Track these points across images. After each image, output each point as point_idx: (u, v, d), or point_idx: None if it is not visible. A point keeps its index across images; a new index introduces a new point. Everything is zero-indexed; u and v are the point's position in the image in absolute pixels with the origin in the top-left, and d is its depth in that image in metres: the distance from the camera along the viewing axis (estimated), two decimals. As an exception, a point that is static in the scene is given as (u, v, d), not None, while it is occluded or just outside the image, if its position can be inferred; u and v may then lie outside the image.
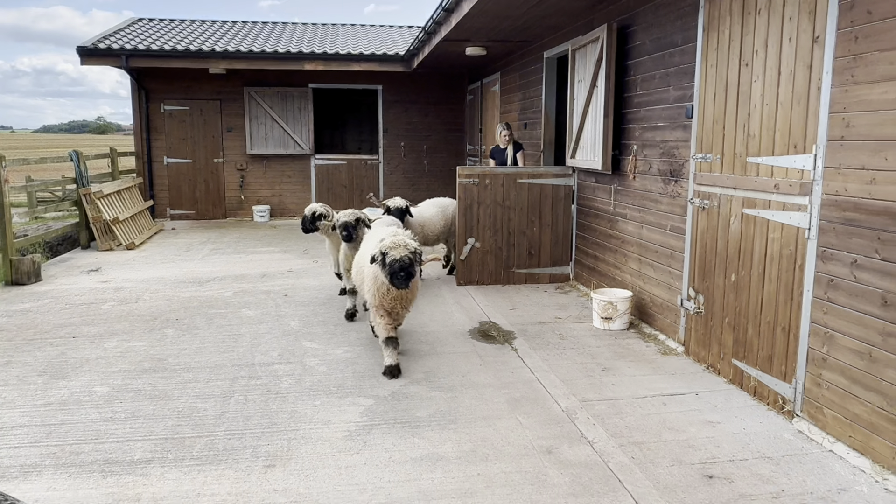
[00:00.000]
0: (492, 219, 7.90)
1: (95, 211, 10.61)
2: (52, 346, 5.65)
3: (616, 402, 4.49)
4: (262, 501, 3.26)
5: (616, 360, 5.35)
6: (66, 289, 7.83)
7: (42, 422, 4.17)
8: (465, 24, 8.48)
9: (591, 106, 7.11)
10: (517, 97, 10.81)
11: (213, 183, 14.46)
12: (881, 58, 3.46)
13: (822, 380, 3.94)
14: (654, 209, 6.09)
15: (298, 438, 3.94)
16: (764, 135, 4.45)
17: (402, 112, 15.03)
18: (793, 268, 4.18)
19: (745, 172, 4.67)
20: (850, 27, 3.66)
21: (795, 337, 4.16)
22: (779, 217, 4.30)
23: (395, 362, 5.00)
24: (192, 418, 4.22)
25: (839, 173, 3.77)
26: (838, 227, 3.79)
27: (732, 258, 4.83)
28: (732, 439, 3.96)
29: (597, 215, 7.42)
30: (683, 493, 3.37)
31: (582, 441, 3.92)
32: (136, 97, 13.94)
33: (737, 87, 4.74)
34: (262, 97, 14.23)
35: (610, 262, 7.08)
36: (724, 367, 4.94)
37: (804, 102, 4.05)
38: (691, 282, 5.41)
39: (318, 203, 7.19)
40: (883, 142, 3.46)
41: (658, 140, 5.99)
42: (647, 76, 6.18)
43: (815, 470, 3.59)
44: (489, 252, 7.97)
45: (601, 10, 7.16)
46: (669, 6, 5.73)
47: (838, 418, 3.80)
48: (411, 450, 3.80)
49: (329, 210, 7.16)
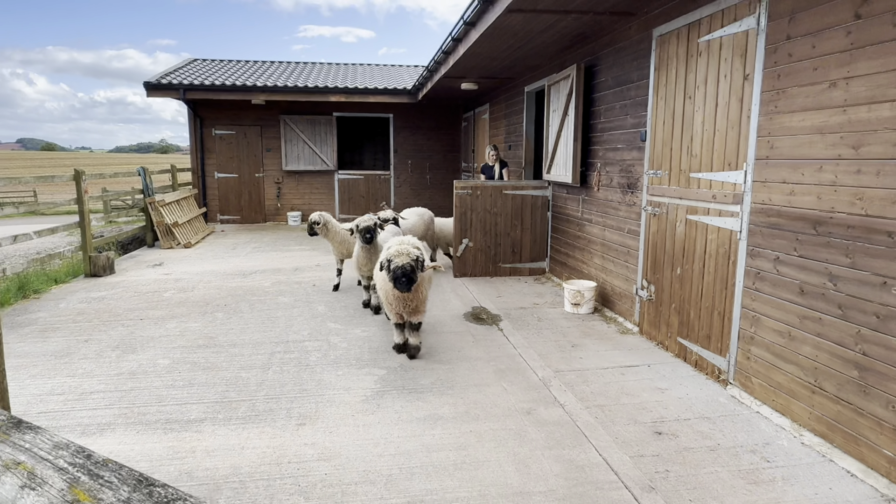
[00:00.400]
0: (482, 223, 7.87)
1: (159, 216, 10.57)
2: (123, 327, 5.64)
3: (583, 373, 4.48)
4: (295, 453, 3.26)
5: (583, 339, 5.34)
6: (134, 280, 7.81)
7: (115, 388, 4.16)
8: (461, 64, 8.45)
9: (563, 131, 7.09)
10: (503, 124, 10.77)
11: (255, 193, 14.40)
12: (799, 92, 3.45)
13: (750, 354, 3.93)
14: (615, 215, 6.07)
15: (324, 402, 3.94)
16: (704, 155, 4.43)
17: (410, 136, 14.97)
18: (727, 263, 4.17)
19: (688, 185, 4.66)
20: (774, 67, 3.65)
21: (729, 319, 4.15)
22: (716, 222, 4.29)
23: (401, 341, 4.86)
24: (238, 385, 4.21)
25: (765, 186, 3.76)
26: (764, 230, 3.78)
27: (678, 255, 4.82)
28: (678, 403, 3.95)
29: (568, 220, 7.40)
30: (637, 446, 3.36)
31: (555, 404, 3.91)
32: (193, 123, 13.87)
33: (682, 115, 4.72)
34: (294, 123, 14.17)
35: (578, 258, 7.06)
36: (671, 343, 4.93)
37: (737, 128, 4.04)
38: (645, 274, 5.40)
39: (316, 213, 6.91)
40: (800, 160, 3.45)
41: (618, 159, 5.97)
42: (609, 106, 6.16)
43: (745, 427, 3.59)
44: (480, 250, 7.94)
45: (571, 53, 7.13)
46: (627, 50, 5.71)
47: (764, 386, 3.80)
48: (416, 411, 3.80)
49: (322, 217, 6.89)
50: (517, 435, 3.47)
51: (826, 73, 3.25)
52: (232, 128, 14.08)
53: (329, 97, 13.14)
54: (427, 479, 3.00)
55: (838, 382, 3.20)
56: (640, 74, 5.45)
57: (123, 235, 11.09)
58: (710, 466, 3.13)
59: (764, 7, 3.72)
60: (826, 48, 3.25)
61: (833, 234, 3.21)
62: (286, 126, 14.14)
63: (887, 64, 2.89)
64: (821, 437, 3.32)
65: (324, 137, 14.35)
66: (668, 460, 3.20)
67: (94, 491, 0.53)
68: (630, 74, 5.65)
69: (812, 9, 3.35)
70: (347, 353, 4.92)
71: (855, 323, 3.09)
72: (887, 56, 2.89)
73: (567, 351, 4.97)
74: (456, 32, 7.21)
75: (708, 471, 3.09)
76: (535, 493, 2.88)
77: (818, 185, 3.31)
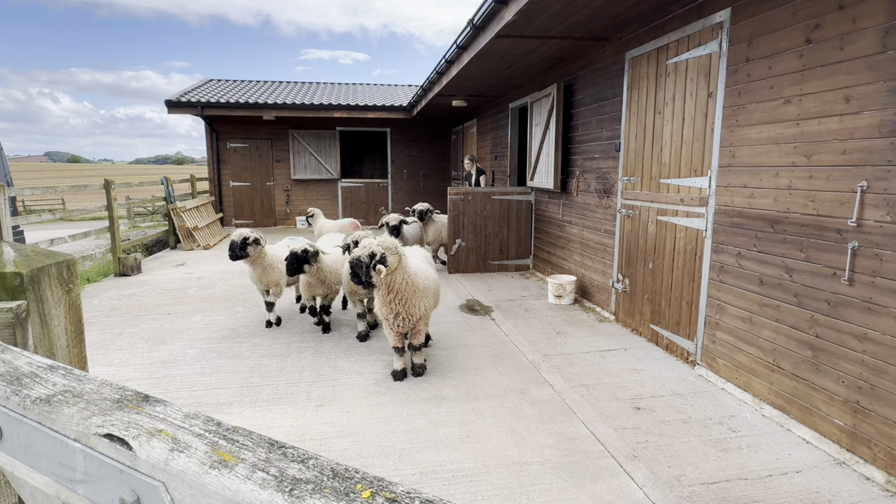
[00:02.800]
0: (473, 225, 7.89)
1: (180, 221, 10.47)
2: (152, 320, 5.59)
3: (568, 356, 4.52)
4: (316, 431, 3.26)
5: (566, 326, 5.38)
6: (160, 278, 7.74)
7: (149, 376, 4.13)
8: (453, 84, 8.47)
9: (545, 143, 7.13)
10: (490, 136, 10.80)
11: (266, 200, 14.30)
12: (757, 108, 3.51)
13: (716, 338, 3.99)
14: (592, 217, 6.12)
15: (339, 385, 3.94)
16: (672, 163, 4.49)
17: (405, 148, 14.95)
18: (694, 258, 4.23)
19: (658, 190, 4.71)
20: (735, 85, 3.71)
21: (696, 308, 4.21)
22: (683, 222, 4.35)
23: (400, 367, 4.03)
24: (261, 372, 4.20)
25: (727, 190, 3.82)
26: (727, 229, 3.84)
27: (650, 252, 4.88)
28: (653, 382, 4.00)
29: (550, 222, 7.45)
30: (620, 420, 3.40)
31: (545, 384, 3.95)
32: (209, 137, 13.74)
33: (653, 129, 4.78)
34: (301, 137, 14.09)
35: (560, 255, 7.11)
36: (645, 330, 4.99)
37: (702, 139, 4.09)
38: (620, 269, 5.45)
39: (248, 228, 4.99)
40: (759, 167, 3.51)
41: (595, 167, 6.02)
42: (587, 121, 6.21)
43: (713, 402, 3.64)
44: (472, 249, 7.96)
45: (552, 73, 7.18)
46: (602, 70, 5.76)
47: (728, 366, 3.86)
48: (422, 392, 3.81)
49: (263, 236, 4.94)
50: (513, 412, 3.50)
51: (781, 91, 3.31)
52: (245, 141, 13.97)
53: (333, 113, 13.09)
54: (436, 452, 3.01)
55: (794, 361, 3.27)
56: (614, 92, 5.50)
57: (148, 239, 10.96)
58: (684, 437, 3.18)
59: (725, 33, 3.78)
60: (781, 69, 3.31)
61: (788, 232, 3.28)
62: (294, 139, 14.07)
63: (835, 83, 2.95)
64: (779, 409, 3.39)
65: (328, 149, 14.29)
66: (647, 432, 3.24)
67: (235, 452, 0.55)
68: (605, 92, 5.70)
69: (769, 34, 3.41)
70: (358, 341, 4.92)
71: (809, 309, 3.15)
72: (835, 76, 2.95)
73: (553, 337, 5.01)
74: (449, 55, 7.22)
75: (682, 440, 3.14)
76: (532, 463, 2.91)
77: (775, 189, 3.37)
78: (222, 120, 13.59)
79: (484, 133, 11.26)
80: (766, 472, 2.82)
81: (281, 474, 0.54)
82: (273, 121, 13.64)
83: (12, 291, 1.00)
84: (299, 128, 14.07)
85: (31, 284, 1.02)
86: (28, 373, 0.77)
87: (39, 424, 0.68)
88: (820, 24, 3.04)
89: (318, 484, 0.52)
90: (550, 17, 4.86)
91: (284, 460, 0.55)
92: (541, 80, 7.61)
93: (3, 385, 0.74)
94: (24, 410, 0.70)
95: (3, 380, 0.75)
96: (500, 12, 5.04)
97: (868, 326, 2.79)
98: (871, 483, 2.73)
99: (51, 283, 1.08)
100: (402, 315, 3.77)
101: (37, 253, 1.10)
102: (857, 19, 2.82)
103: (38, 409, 0.69)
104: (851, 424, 2.90)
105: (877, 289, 2.74)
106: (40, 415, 0.68)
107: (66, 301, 1.11)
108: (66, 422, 0.65)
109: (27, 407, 0.70)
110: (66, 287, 1.11)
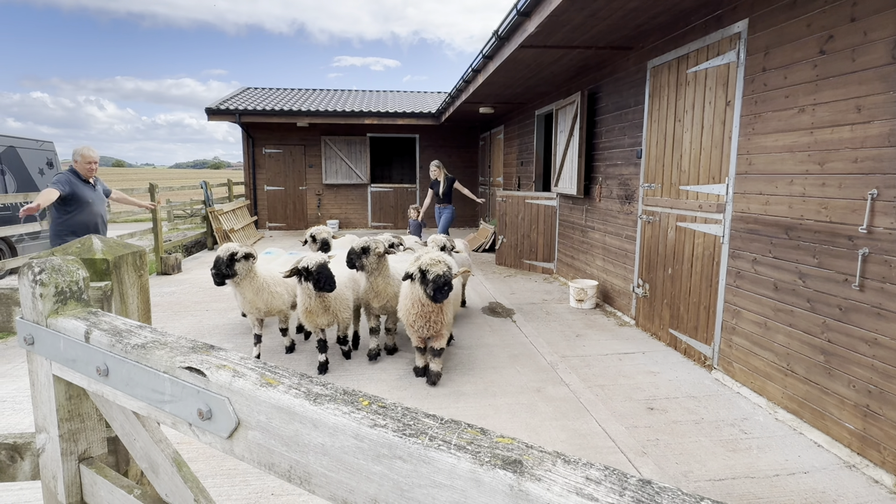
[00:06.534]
0: (513, 225, 8.62)
1: (217, 223, 10.93)
2: (192, 316, 5.91)
3: (585, 358, 4.62)
4: (341, 420, 3.45)
5: (586, 329, 5.47)
6: (199, 277, 8.11)
7: (189, 367, 4.39)
8: (479, 92, 8.66)
9: (569, 149, 7.24)
10: (516, 143, 10.94)
11: (299, 204, 14.76)
12: (773, 116, 3.58)
13: (732, 343, 4.04)
14: (614, 223, 6.20)
15: (364, 380, 4.13)
16: (692, 170, 4.56)
17: (433, 153, 15.20)
18: (711, 264, 4.29)
19: (678, 196, 4.78)
20: (752, 95, 3.78)
21: (713, 312, 4.27)
22: (702, 228, 4.41)
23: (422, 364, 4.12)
24: (290, 364, 4.42)
25: (744, 197, 3.88)
26: (743, 235, 3.90)
27: (669, 257, 4.94)
28: (668, 384, 4.07)
29: (573, 227, 7.54)
30: (632, 418, 3.50)
31: (561, 384, 4.06)
32: (246, 143, 14.28)
33: (672, 136, 4.85)
34: (333, 143, 14.50)
35: (582, 260, 7.19)
36: (664, 334, 5.04)
37: (720, 147, 4.16)
38: (640, 274, 5.52)
39: (236, 243, 4.58)
40: (774, 175, 3.57)
41: (617, 174, 6.10)
42: (609, 128, 6.30)
43: (727, 405, 3.70)
44: (511, 246, 8.65)
45: (576, 82, 7.29)
46: (625, 79, 5.85)
47: (743, 370, 3.90)
48: (442, 388, 3.96)
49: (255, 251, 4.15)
50: (528, 408, 3.63)
51: (796, 100, 3.38)
52: (279, 147, 14.46)
53: (363, 120, 13.45)
54: (453, 443, 3.17)
55: (807, 366, 3.31)
56: (636, 100, 5.59)
57: (187, 240, 11.46)
58: (694, 436, 3.26)
59: (743, 43, 3.86)
60: (796, 79, 3.38)
61: (802, 238, 3.33)
62: (326, 145, 14.48)
63: (847, 93, 3.01)
64: (792, 413, 3.43)
65: (358, 155, 14.66)
66: (658, 431, 3.33)
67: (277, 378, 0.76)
68: (628, 100, 5.79)
69: (784, 45, 3.48)
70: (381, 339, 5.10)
71: (821, 314, 3.20)
72: (847, 86, 3.01)
73: (572, 340, 5.11)
74: (475, 64, 7.41)
75: (692, 440, 3.22)
76: (544, 456, 3.03)
77: (789, 196, 3.43)
78: (258, 126, 14.10)
79: (511, 139, 11.40)
80: (773, 472, 2.88)
81: (308, 391, 0.76)
82: (306, 127, 14.09)
83: (101, 274, 1.23)
84: (331, 134, 14.48)
85: (114, 269, 1.26)
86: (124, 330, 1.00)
87: (137, 363, 0.91)
88: (833, 36, 3.10)
89: (333, 397, 0.73)
90: (573, 28, 4.99)
91: (311, 384, 0.77)
92: (566, 88, 7.72)
93: (109, 336, 0.97)
94: (126, 354, 0.93)
95: (108, 333, 0.98)
96: (524, 24, 5.20)
97: (878, 331, 2.84)
98: (879, 486, 2.77)
99: (128, 269, 1.31)
100: (438, 325, 3.80)
101: (117, 244, 1.34)
102: (868, 31, 2.88)
103: (136, 353, 0.92)
104: (861, 428, 2.94)
105: (886, 294, 2.79)
106: (138, 356, 0.91)
107: (138, 284, 1.34)
108: (157, 360, 0.88)
109: (128, 351, 0.93)
110: (138, 272, 1.34)
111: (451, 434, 0.66)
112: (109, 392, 1.00)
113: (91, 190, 4.98)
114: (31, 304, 1.14)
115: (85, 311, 1.14)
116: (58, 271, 1.13)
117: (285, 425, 0.75)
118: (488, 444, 0.65)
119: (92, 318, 1.10)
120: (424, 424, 0.69)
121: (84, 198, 4.87)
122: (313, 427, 0.72)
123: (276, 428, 0.76)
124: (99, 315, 1.11)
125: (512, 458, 0.62)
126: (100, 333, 1.01)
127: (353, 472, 0.69)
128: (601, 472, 0.60)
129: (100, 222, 5.04)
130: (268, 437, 0.77)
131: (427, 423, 0.69)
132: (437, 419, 0.70)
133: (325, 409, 0.72)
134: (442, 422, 0.69)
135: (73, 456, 1.20)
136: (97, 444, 1.24)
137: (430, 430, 0.67)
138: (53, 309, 1.13)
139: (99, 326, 1.04)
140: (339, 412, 0.71)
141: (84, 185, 4.92)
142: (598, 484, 0.57)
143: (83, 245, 1.40)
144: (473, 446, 0.64)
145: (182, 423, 0.88)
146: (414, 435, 0.66)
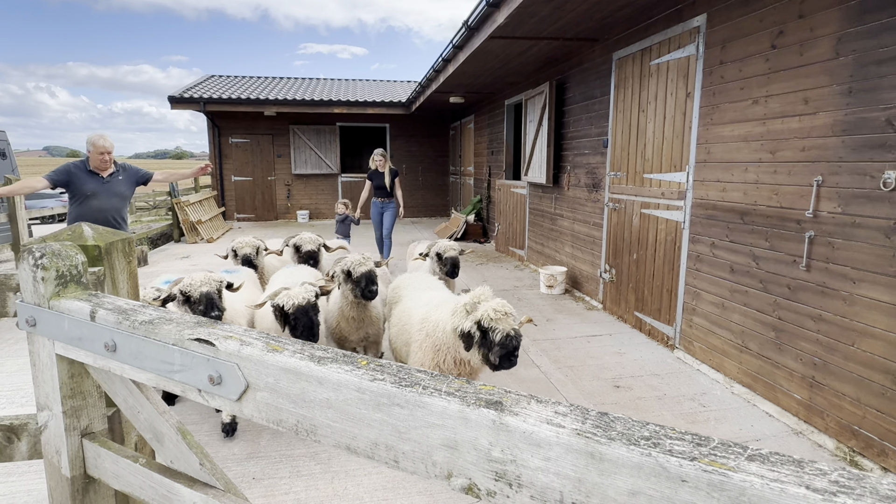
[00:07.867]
0: (504, 214, 9.11)
1: (184, 215, 10.75)
2: (163, 309, 5.86)
3: (556, 341, 4.80)
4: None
5: (556, 314, 5.66)
6: (166, 270, 7.98)
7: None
8: (450, 82, 8.73)
9: (538, 139, 7.40)
10: (486, 132, 11.07)
11: (268, 194, 14.59)
12: (729, 107, 3.78)
13: (692, 323, 4.28)
14: (582, 210, 6.40)
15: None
16: (655, 159, 4.76)
17: (404, 143, 15.23)
18: (673, 248, 4.51)
19: (642, 184, 4.99)
20: (710, 86, 3.98)
21: (675, 295, 4.50)
22: (664, 214, 4.62)
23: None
24: (267, 354, 4.46)
25: (703, 184, 4.10)
26: (703, 221, 4.12)
27: (634, 243, 5.15)
28: (633, 363, 4.28)
29: (542, 215, 7.72)
30: (600, 396, 3.70)
31: (532, 365, 4.23)
32: (211, 132, 14.00)
33: (637, 126, 5.04)
34: (302, 132, 14.36)
35: (552, 247, 7.38)
36: (629, 317, 5.27)
37: (681, 137, 4.37)
38: (607, 260, 5.73)
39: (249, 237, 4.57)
40: (731, 163, 3.79)
41: (584, 163, 6.29)
42: (577, 118, 6.47)
43: (688, 382, 3.93)
44: (503, 234, 9.19)
45: (545, 72, 7.44)
46: (592, 70, 6.03)
47: (703, 348, 4.14)
48: (418, 372, 4.09)
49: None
50: (502, 389, 3.78)
51: (750, 92, 3.59)
52: (246, 137, 14.24)
53: (333, 109, 13.35)
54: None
55: (760, 342, 3.56)
56: (602, 91, 5.77)
57: (153, 232, 11.25)
58: (657, 411, 3.47)
59: (702, 37, 4.05)
60: (750, 72, 3.58)
61: (756, 223, 3.56)
62: (295, 134, 14.33)
63: (796, 85, 3.23)
64: (747, 387, 3.68)
65: (328, 144, 14.56)
66: (624, 407, 3.54)
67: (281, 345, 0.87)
68: (594, 91, 5.97)
69: (739, 39, 3.68)
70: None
71: (772, 294, 3.44)
72: (796, 79, 3.22)
73: (542, 324, 5.29)
74: (446, 54, 7.48)
75: (656, 414, 3.43)
76: (517, 432, 3.19)
77: (744, 183, 3.65)
78: (224, 115, 13.84)
79: (481, 129, 11.52)
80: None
81: (312, 355, 0.87)
82: (274, 116, 13.91)
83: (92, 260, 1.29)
84: (300, 123, 14.34)
85: (105, 255, 1.32)
86: (128, 308, 1.08)
87: (145, 337, 0.99)
88: (783, 31, 3.31)
89: (334, 359, 0.84)
90: (540, 19, 5.12)
91: (313, 349, 0.88)
92: (535, 79, 7.87)
93: (115, 314, 1.05)
94: (133, 330, 1.01)
95: (114, 311, 1.06)
96: (493, 15, 5.30)
97: (822, 308, 3.08)
98: (822, 450, 3.03)
99: (118, 255, 1.37)
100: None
101: (106, 231, 1.40)
102: (814, 28, 3.09)
103: (144, 328, 1.00)
104: (807, 398, 3.20)
105: (829, 274, 3.03)
106: (146, 331, 0.99)
107: (128, 269, 1.40)
108: (165, 334, 0.97)
109: (136, 327, 1.01)
110: (127, 258, 1.40)
111: (441, 384, 0.78)
112: (116, 366, 1.08)
113: (98, 182, 4.39)
114: (31, 288, 1.20)
115: (86, 294, 1.20)
116: (58, 256, 1.20)
117: (292, 384, 0.85)
118: (473, 390, 0.77)
119: (94, 299, 1.17)
120: (417, 377, 0.80)
121: (82, 190, 4.34)
122: (318, 384, 0.83)
123: (284, 388, 0.86)
124: (101, 296, 1.18)
125: (494, 400, 0.74)
126: (105, 312, 1.09)
127: (356, 421, 0.80)
128: (567, 408, 0.72)
129: (109, 218, 4.44)
130: (276, 396, 0.87)
131: (419, 377, 0.81)
132: (428, 373, 0.82)
133: (329, 368, 0.83)
134: (433, 375, 0.81)
135: (76, 431, 1.27)
136: (98, 419, 1.31)
137: (422, 381, 0.79)
138: (55, 292, 1.19)
139: (103, 306, 1.12)
140: (341, 370, 0.82)
141: (89, 176, 4.37)
142: (564, 416, 0.70)
143: (74, 232, 1.46)
144: (461, 392, 0.76)
145: (192, 389, 0.97)
146: (409, 385, 0.78)
